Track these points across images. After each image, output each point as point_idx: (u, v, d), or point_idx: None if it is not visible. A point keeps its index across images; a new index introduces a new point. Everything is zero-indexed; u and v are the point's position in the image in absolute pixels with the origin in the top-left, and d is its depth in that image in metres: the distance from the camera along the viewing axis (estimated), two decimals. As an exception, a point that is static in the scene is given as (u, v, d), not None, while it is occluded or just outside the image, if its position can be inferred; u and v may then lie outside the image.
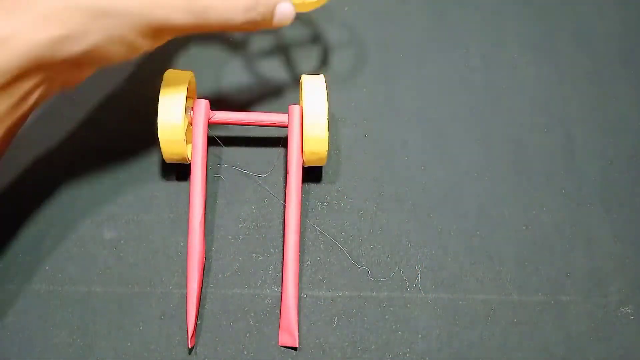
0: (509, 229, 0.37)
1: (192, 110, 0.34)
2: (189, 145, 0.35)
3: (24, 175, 0.37)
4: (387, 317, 0.34)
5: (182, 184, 0.37)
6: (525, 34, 0.44)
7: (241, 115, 0.35)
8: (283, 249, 0.34)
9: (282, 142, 0.38)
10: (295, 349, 0.33)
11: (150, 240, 0.36)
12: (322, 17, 0.44)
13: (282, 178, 0.37)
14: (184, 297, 0.34)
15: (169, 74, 0.33)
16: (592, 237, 0.37)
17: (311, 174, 0.37)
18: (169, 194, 0.37)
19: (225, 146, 0.38)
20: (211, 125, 0.35)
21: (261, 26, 0.29)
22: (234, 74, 0.41)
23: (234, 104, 0.39)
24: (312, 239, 0.36)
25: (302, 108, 0.33)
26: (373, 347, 0.34)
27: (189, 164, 0.35)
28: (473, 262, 0.36)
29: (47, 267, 0.35)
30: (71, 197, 0.37)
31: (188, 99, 0.34)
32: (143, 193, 0.37)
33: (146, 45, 0.27)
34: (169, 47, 0.42)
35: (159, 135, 0.32)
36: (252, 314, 0.34)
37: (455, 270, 0.36)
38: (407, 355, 0.33)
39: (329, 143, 0.34)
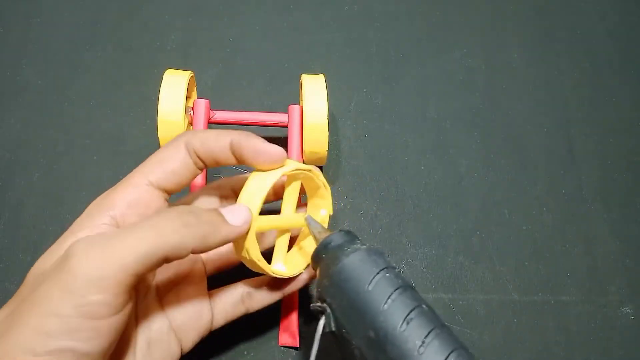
0: (509, 229, 0.37)
1: (192, 110, 0.34)
2: (189, 145, 0.35)
3: (24, 176, 0.37)
4: (387, 317, 0.34)
5: (182, 183, 0.37)
6: (525, 34, 0.44)
7: (241, 115, 0.35)
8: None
9: (282, 142, 0.38)
10: (296, 348, 0.33)
11: (150, 240, 0.35)
12: (323, 19, 0.44)
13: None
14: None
15: (169, 73, 0.33)
16: (592, 237, 0.37)
17: (311, 174, 0.37)
18: (169, 194, 0.37)
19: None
20: (211, 124, 0.35)
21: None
22: (234, 74, 0.41)
23: (234, 104, 0.39)
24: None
25: (302, 108, 0.33)
26: (373, 347, 0.34)
27: (189, 164, 0.35)
28: (473, 262, 0.36)
29: (47, 267, 0.35)
30: (72, 197, 0.37)
31: (188, 98, 0.34)
32: (143, 193, 0.37)
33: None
34: (168, 47, 0.42)
35: (159, 135, 0.32)
36: (253, 314, 0.34)
37: (455, 270, 0.36)
38: (407, 355, 0.33)
39: (329, 143, 0.34)
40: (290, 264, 0.29)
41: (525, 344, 0.34)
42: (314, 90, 0.33)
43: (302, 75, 0.35)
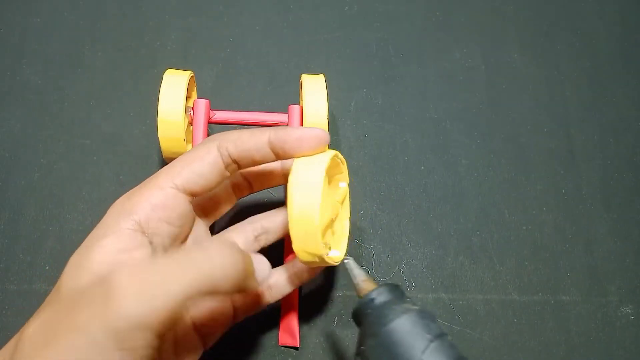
0: (509, 229, 0.37)
1: (192, 110, 0.34)
2: (189, 145, 0.35)
3: (24, 176, 0.37)
4: (387, 317, 0.34)
5: (182, 183, 0.37)
6: (525, 34, 0.44)
7: (241, 115, 0.35)
8: (284, 249, 0.34)
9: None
10: (296, 348, 0.33)
11: (150, 240, 0.35)
12: (323, 19, 0.44)
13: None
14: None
15: (169, 73, 0.33)
16: (592, 237, 0.37)
17: (311, 174, 0.37)
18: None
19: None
20: (211, 124, 0.35)
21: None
22: (234, 74, 0.41)
23: (234, 104, 0.39)
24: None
25: (302, 108, 0.33)
26: (373, 347, 0.34)
27: (189, 164, 0.35)
28: (473, 262, 0.36)
29: (47, 267, 0.35)
30: (72, 197, 0.37)
31: (188, 98, 0.34)
32: (143, 193, 0.37)
33: None
34: (168, 47, 0.42)
35: (159, 134, 0.32)
36: (253, 314, 0.34)
37: (455, 270, 0.36)
38: (407, 355, 0.33)
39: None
40: (338, 246, 0.29)
41: (525, 344, 0.34)
42: (314, 90, 0.33)
43: (302, 75, 0.35)
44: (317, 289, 0.35)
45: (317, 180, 0.25)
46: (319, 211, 0.24)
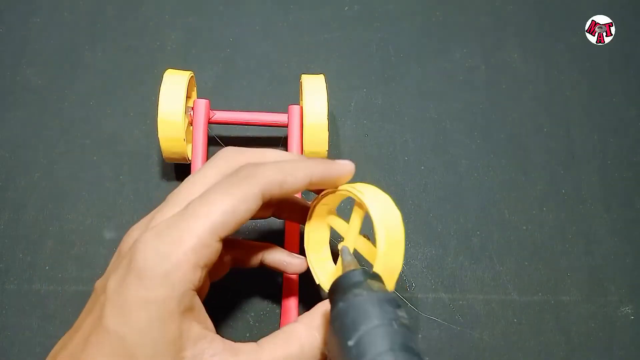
0: (509, 229, 0.37)
1: (192, 110, 0.34)
2: (189, 145, 0.35)
3: (24, 176, 0.37)
4: (387, 317, 0.34)
5: (182, 183, 0.37)
6: (525, 34, 0.44)
7: (241, 115, 0.35)
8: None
9: (282, 142, 0.38)
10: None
11: (150, 240, 0.35)
12: (323, 19, 0.44)
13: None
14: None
15: (169, 73, 0.33)
16: (592, 237, 0.37)
17: (311, 174, 0.37)
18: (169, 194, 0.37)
19: (225, 146, 0.38)
20: (211, 124, 0.35)
21: None
22: (234, 74, 0.41)
23: (234, 104, 0.39)
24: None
25: (302, 108, 0.33)
26: (373, 347, 0.34)
27: (189, 164, 0.35)
28: (473, 262, 0.36)
29: (47, 267, 0.35)
30: (72, 197, 0.37)
31: (188, 98, 0.34)
32: (143, 193, 0.37)
33: None
34: (168, 47, 0.42)
35: (159, 134, 0.32)
36: (252, 314, 0.34)
37: (455, 270, 0.36)
38: (407, 355, 0.33)
39: (329, 143, 0.34)
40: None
41: (525, 344, 0.34)
42: (314, 90, 0.33)
43: (302, 75, 0.35)
44: (318, 290, 0.35)
45: (399, 227, 0.25)
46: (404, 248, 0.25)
